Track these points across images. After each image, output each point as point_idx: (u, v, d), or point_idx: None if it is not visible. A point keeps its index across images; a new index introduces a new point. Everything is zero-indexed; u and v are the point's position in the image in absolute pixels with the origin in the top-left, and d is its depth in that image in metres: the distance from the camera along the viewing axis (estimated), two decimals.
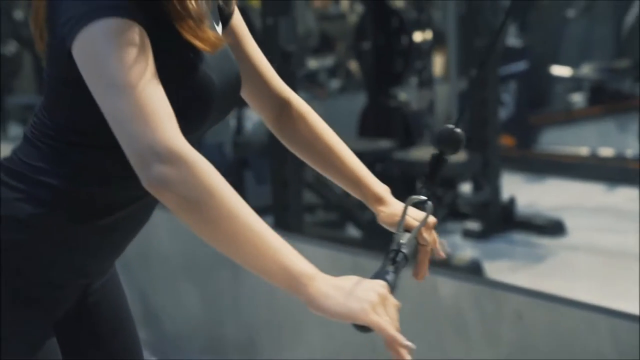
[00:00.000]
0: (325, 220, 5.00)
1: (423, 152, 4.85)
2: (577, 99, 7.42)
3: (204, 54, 1.39)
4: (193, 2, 1.38)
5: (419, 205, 1.51)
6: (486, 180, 5.02)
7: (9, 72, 8.16)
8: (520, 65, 6.81)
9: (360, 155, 4.97)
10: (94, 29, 1.27)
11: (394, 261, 1.38)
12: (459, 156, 4.74)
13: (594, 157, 6.30)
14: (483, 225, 4.93)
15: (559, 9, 7.40)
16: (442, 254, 1.57)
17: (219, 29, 1.52)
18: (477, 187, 5.19)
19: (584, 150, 6.37)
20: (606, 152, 6.30)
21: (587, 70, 7.42)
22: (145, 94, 1.26)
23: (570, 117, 7.10)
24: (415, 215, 1.51)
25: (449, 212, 5.00)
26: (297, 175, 4.05)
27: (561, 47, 7.46)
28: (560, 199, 5.59)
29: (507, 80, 6.65)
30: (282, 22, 3.80)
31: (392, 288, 1.31)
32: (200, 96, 1.38)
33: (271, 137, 4.01)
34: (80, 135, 1.41)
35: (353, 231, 4.88)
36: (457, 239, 4.93)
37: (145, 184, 1.25)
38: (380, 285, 1.28)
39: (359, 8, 5.70)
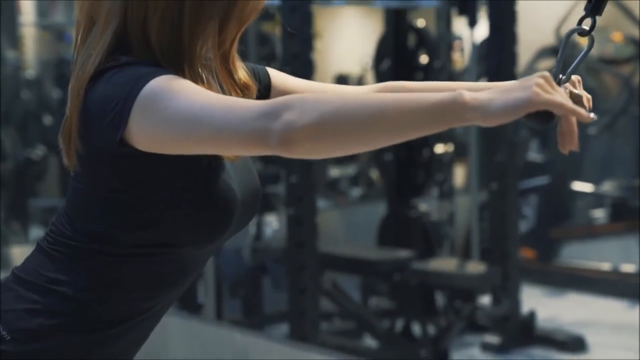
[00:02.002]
0: (341, 329, 4.94)
1: (442, 263, 4.82)
2: (599, 214, 7.40)
3: (225, 165, 1.40)
4: None
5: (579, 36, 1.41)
6: (506, 293, 4.97)
7: (35, 176, 8.26)
8: (542, 180, 6.82)
9: (379, 264, 4.92)
10: (145, 93, 1.26)
11: None
12: (478, 268, 4.71)
13: (615, 272, 6.23)
14: (502, 339, 4.85)
15: (580, 126, 7.45)
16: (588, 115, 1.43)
17: None
18: (496, 300, 5.13)
19: (605, 266, 6.30)
20: (628, 268, 6.23)
21: (608, 187, 7.41)
22: (219, 99, 1.25)
23: (591, 232, 7.06)
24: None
25: (467, 324, 4.94)
26: (314, 282, 4.03)
27: (582, 164, 7.48)
28: (581, 314, 5.50)
29: (528, 194, 6.65)
30: None
31: None
32: (222, 207, 1.36)
33: (289, 243, 4.05)
34: (100, 242, 1.40)
35: (370, 341, 4.81)
36: (476, 352, 4.85)
37: (277, 148, 1.19)
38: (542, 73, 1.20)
39: None
